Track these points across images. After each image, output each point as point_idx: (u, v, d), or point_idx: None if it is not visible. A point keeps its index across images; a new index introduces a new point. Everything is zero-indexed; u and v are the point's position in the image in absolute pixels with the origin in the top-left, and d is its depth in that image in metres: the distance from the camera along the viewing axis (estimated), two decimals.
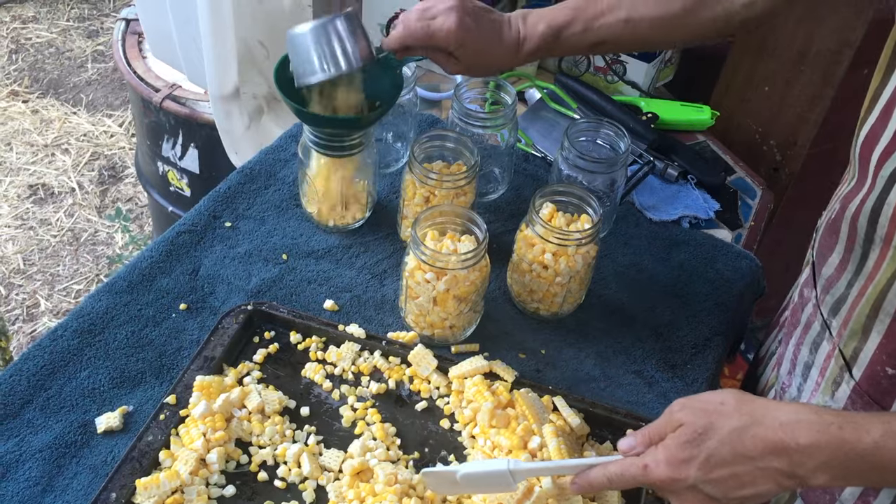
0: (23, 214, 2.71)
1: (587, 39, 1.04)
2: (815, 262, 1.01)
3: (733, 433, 0.73)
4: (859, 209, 0.86)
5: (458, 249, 1.03)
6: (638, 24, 1.02)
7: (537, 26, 1.03)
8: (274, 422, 0.96)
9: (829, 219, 0.96)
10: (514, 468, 0.83)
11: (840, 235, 0.91)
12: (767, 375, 1.14)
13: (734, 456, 0.73)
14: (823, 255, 0.96)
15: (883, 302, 0.84)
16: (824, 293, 0.95)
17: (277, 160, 1.31)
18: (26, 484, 0.88)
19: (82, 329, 1.04)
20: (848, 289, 0.90)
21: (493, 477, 0.85)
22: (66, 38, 3.44)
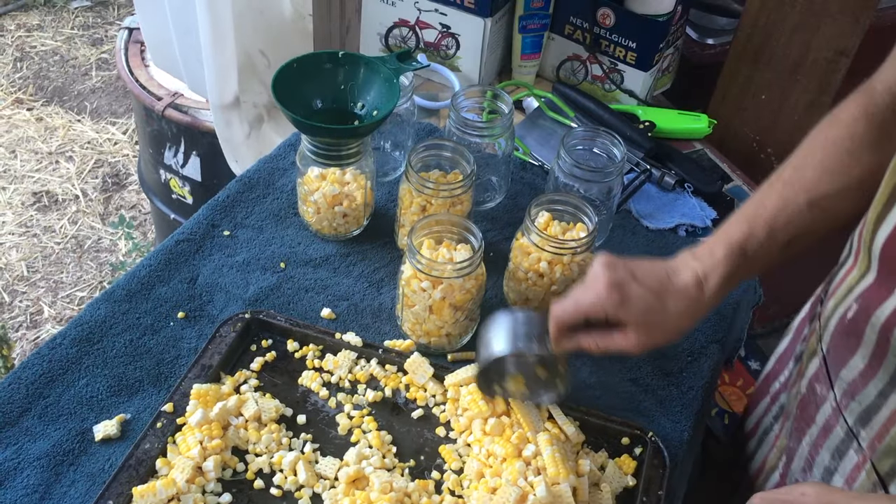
0: (27, 222, 2.72)
1: (776, 244, 0.88)
2: (825, 356, 0.92)
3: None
4: (892, 320, 0.79)
5: (453, 258, 1.03)
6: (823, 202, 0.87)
7: (715, 254, 0.88)
8: (270, 430, 0.96)
9: (845, 317, 0.87)
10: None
11: (864, 340, 0.84)
12: (765, 453, 1.08)
13: None
14: (840, 356, 0.88)
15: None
16: (847, 398, 0.88)
17: (276, 169, 1.32)
18: (24, 492, 0.89)
19: (81, 338, 1.04)
20: (881, 399, 0.83)
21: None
22: (71, 46, 3.46)
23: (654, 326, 0.88)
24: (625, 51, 1.53)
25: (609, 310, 0.88)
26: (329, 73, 1.16)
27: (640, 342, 0.88)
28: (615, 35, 1.53)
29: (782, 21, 1.44)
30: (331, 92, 1.17)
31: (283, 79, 1.12)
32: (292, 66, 1.14)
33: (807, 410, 0.96)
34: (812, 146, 0.91)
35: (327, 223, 1.20)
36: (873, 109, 0.87)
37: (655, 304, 0.87)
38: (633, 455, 0.99)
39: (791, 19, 1.43)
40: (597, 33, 1.54)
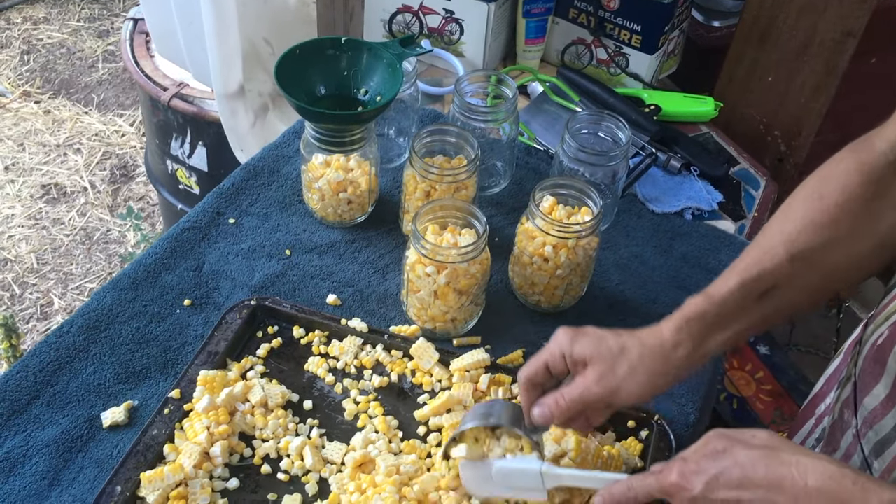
0: (36, 214, 2.73)
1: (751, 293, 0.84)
2: (857, 382, 0.91)
3: (749, 459, 0.72)
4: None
5: (458, 243, 1.03)
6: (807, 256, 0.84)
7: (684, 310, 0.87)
8: (277, 415, 0.97)
9: (876, 342, 0.86)
10: (546, 470, 0.83)
11: (887, 368, 0.83)
12: None
13: (742, 480, 0.72)
14: (867, 383, 0.87)
15: None
16: (866, 427, 0.87)
17: (280, 157, 1.32)
18: (33, 478, 0.90)
19: (88, 325, 1.05)
20: (895, 432, 0.83)
21: (526, 477, 0.84)
22: (77, 38, 3.47)
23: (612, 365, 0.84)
24: (630, 34, 1.53)
25: (565, 347, 0.86)
26: (332, 59, 1.16)
27: (598, 378, 0.84)
28: (620, 18, 1.52)
29: (788, 2, 1.43)
30: (334, 78, 1.17)
31: (287, 66, 1.12)
32: (295, 52, 1.13)
33: (834, 435, 0.95)
34: (796, 199, 0.87)
35: (332, 210, 1.20)
36: (870, 166, 0.83)
37: (613, 341, 0.85)
38: (638, 438, 0.99)
39: (797, 1, 1.42)
40: (601, 16, 1.54)
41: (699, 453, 0.75)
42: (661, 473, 0.76)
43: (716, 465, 0.73)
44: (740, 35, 1.53)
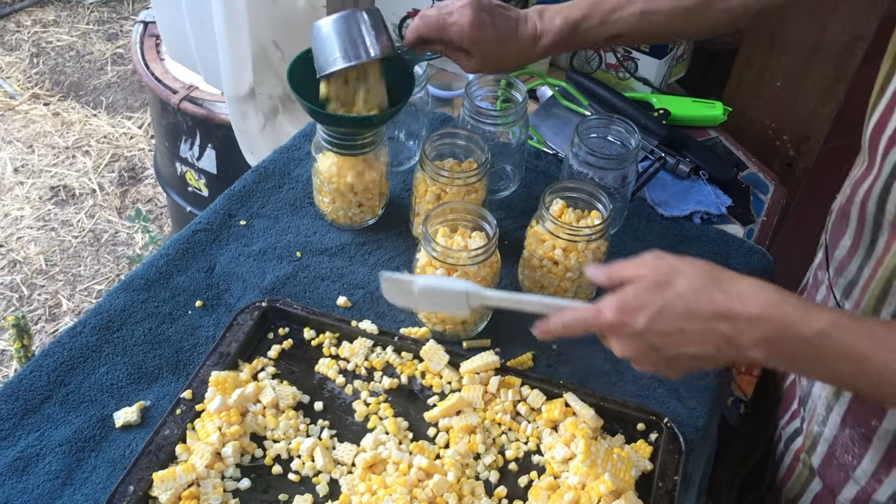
0: (45, 216, 2.75)
1: (604, 32, 1.05)
2: (828, 244, 1.02)
3: (691, 291, 0.74)
4: (868, 194, 0.87)
5: (468, 246, 1.04)
6: (654, 16, 1.03)
7: (554, 21, 1.05)
8: (288, 416, 0.97)
9: (841, 203, 0.97)
10: (472, 291, 0.87)
11: (850, 219, 0.92)
12: None
13: (685, 312, 0.74)
14: (836, 238, 0.97)
15: (892, 285, 0.85)
16: (837, 275, 0.97)
17: (291, 159, 1.33)
18: (47, 477, 0.91)
19: (101, 326, 1.06)
20: (859, 272, 0.91)
21: (449, 296, 0.89)
22: (86, 41, 3.48)
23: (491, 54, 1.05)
24: None
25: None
26: None
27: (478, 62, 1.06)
28: None
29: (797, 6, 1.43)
30: None
31: (298, 68, 1.12)
32: (307, 55, 1.14)
33: (809, 297, 1.05)
34: None
35: (343, 212, 1.21)
36: None
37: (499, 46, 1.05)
38: (648, 441, 0.99)
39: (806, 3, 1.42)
40: None
41: (638, 287, 0.77)
42: (600, 313, 0.78)
43: (658, 298, 0.75)
44: (749, 40, 1.53)
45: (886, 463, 0.92)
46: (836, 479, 0.99)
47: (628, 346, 0.78)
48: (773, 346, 0.73)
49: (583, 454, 0.91)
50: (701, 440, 1.02)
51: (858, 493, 0.96)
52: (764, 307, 0.72)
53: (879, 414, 0.90)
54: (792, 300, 0.73)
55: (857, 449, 0.95)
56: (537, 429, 0.99)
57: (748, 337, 0.73)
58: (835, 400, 0.97)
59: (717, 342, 0.74)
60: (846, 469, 0.97)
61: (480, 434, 0.97)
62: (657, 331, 0.75)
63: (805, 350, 0.72)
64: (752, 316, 0.72)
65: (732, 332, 0.73)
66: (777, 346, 0.73)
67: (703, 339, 0.74)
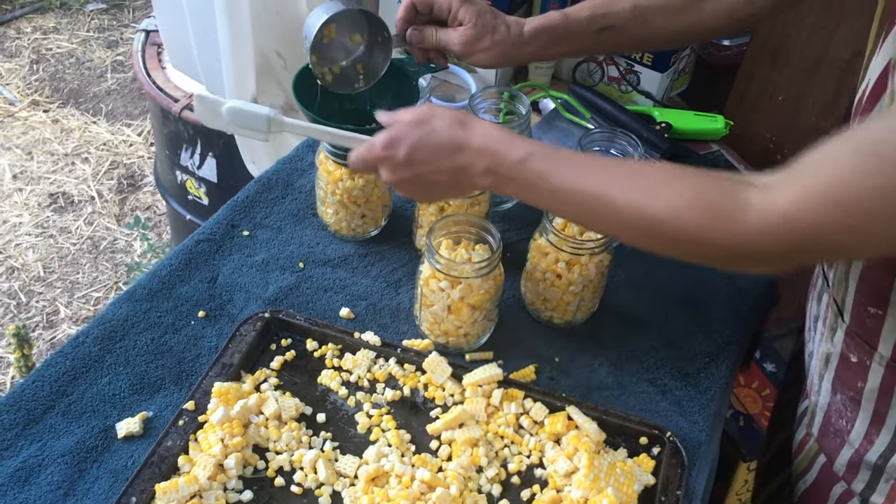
0: (43, 223, 2.74)
1: (595, 23, 1.06)
2: None
3: (442, 128, 0.89)
4: None
5: (472, 258, 1.04)
6: (646, 11, 1.05)
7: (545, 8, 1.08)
8: (290, 428, 0.97)
9: None
10: (273, 116, 0.97)
11: None
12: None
13: (435, 145, 0.89)
14: None
15: None
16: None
17: (294, 170, 1.33)
18: (48, 488, 0.90)
19: (103, 336, 1.05)
20: None
21: (253, 118, 0.97)
22: (87, 48, 3.49)
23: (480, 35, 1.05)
24: (641, 52, 1.53)
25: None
26: None
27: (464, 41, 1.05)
28: None
29: (800, 21, 1.44)
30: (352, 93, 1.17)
31: (304, 79, 1.12)
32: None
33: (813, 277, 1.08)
34: None
35: (346, 223, 1.21)
36: None
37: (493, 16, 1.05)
38: (651, 455, 0.99)
39: (808, 19, 1.43)
40: None
41: (402, 124, 0.91)
42: (372, 147, 0.92)
43: (416, 133, 0.90)
44: (751, 54, 1.54)
45: (876, 422, 0.94)
46: (833, 446, 1.00)
47: (393, 174, 0.92)
48: (494, 174, 0.87)
49: (586, 468, 0.91)
50: (703, 454, 1.02)
51: (852, 455, 0.98)
52: (485, 140, 0.87)
53: (863, 375, 0.92)
54: (505, 135, 0.88)
55: (849, 413, 0.97)
56: (540, 442, 0.99)
57: (477, 167, 0.88)
58: (824, 367, 1.00)
59: (457, 171, 0.89)
60: (841, 434, 0.99)
61: (483, 447, 0.97)
62: (415, 160, 0.90)
63: (514, 175, 0.86)
64: (478, 148, 0.87)
65: (466, 162, 0.88)
66: (496, 174, 0.87)
67: (447, 169, 0.89)
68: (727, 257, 0.79)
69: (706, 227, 0.77)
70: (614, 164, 0.88)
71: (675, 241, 0.80)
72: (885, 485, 0.95)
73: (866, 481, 0.97)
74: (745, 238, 0.75)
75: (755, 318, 1.23)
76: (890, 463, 0.94)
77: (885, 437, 0.93)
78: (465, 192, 0.96)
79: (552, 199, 0.86)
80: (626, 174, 0.83)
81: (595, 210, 0.84)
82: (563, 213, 0.90)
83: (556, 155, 0.86)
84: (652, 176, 0.82)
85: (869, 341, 0.91)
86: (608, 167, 0.86)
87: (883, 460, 0.94)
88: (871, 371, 0.91)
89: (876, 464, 0.95)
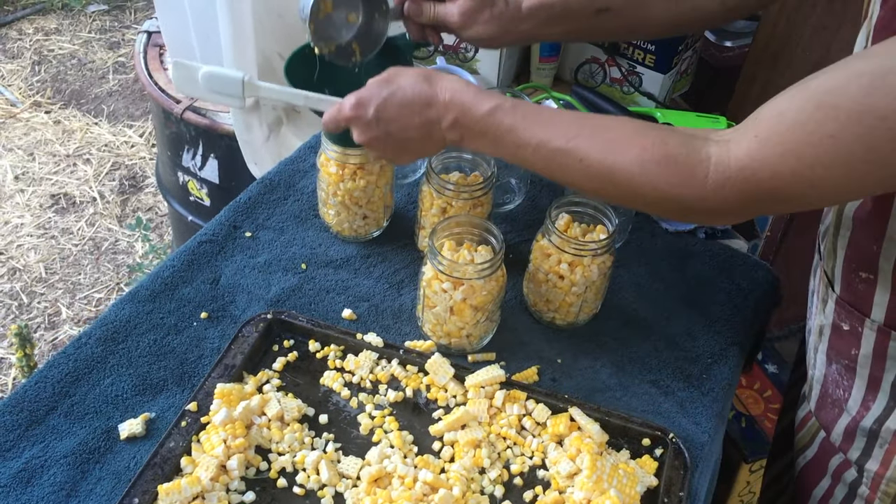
0: (45, 223, 2.74)
1: (592, 5, 1.06)
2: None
3: (408, 85, 0.92)
4: None
5: (474, 260, 1.04)
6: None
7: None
8: (293, 429, 0.97)
9: None
10: (247, 80, 1.00)
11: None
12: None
13: (403, 101, 0.91)
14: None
15: (842, 218, 0.92)
16: (821, 224, 1.03)
17: (296, 171, 1.33)
18: (51, 489, 0.90)
19: (106, 337, 1.05)
20: (827, 214, 0.98)
21: (228, 83, 1.00)
22: (88, 49, 3.49)
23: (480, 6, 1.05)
24: (643, 53, 1.54)
25: None
26: None
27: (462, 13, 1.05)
28: None
29: (802, 23, 1.44)
30: (345, 76, 1.15)
31: (296, 64, 1.11)
32: (304, 52, 1.13)
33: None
34: None
35: (348, 224, 1.21)
36: None
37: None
38: (654, 456, 0.99)
39: (811, 21, 1.43)
40: None
41: (370, 84, 0.94)
42: (342, 108, 0.95)
43: (384, 91, 0.92)
44: (753, 55, 1.54)
45: (872, 388, 0.95)
46: (830, 417, 1.01)
47: (364, 134, 0.95)
48: (462, 127, 0.90)
49: (589, 470, 0.91)
50: (706, 455, 1.02)
51: (849, 423, 0.99)
52: (451, 94, 0.90)
53: (856, 342, 0.93)
54: (472, 89, 0.90)
55: (845, 382, 0.98)
56: (542, 443, 0.99)
57: (445, 120, 0.91)
58: (818, 339, 1.01)
59: (426, 126, 0.92)
60: (839, 404, 0.99)
61: (486, 448, 0.97)
62: (384, 118, 0.93)
63: (481, 128, 0.89)
64: (445, 102, 0.90)
65: (435, 116, 0.91)
66: (464, 127, 0.90)
67: (416, 125, 0.92)
68: (688, 210, 0.83)
69: (671, 181, 0.81)
70: (582, 118, 0.89)
71: (640, 194, 0.83)
72: (879, 450, 0.96)
73: (862, 448, 0.98)
74: (704, 192, 0.79)
75: (758, 320, 1.23)
76: (884, 427, 0.94)
77: (881, 402, 0.94)
78: (436, 148, 0.96)
79: (519, 152, 0.89)
80: (593, 129, 0.86)
81: (563, 164, 0.86)
82: (530, 165, 0.91)
83: (523, 108, 0.89)
84: (618, 130, 0.84)
85: (860, 308, 0.92)
86: (576, 121, 0.87)
87: (878, 425, 0.95)
88: (863, 337, 0.92)
89: (871, 429, 0.96)
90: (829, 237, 0.96)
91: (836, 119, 0.70)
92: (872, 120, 0.69)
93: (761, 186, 0.76)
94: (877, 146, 0.69)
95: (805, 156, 0.73)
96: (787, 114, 0.74)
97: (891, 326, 0.89)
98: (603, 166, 0.84)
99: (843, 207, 0.92)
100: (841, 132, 0.70)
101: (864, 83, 0.69)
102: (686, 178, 0.79)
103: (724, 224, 1.27)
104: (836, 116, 0.70)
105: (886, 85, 0.68)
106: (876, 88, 0.69)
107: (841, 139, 0.70)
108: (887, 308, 0.89)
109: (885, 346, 0.91)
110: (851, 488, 1.01)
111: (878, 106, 0.68)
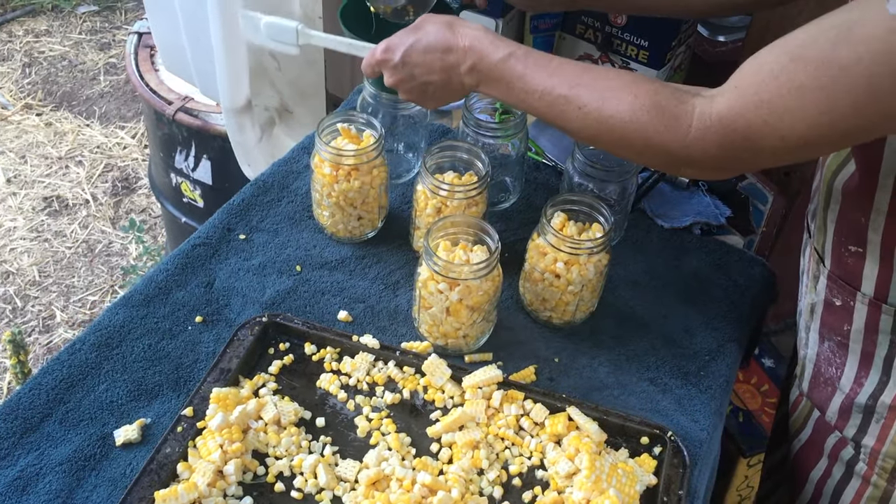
0: (38, 226, 2.73)
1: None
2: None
3: (433, 32, 0.98)
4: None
5: (470, 260, 1.03)
6: None
7: None
8: (290, 433, 0.96)
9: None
10: (301, 28, 1.19)
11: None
12: None
13: (426, 47, 0.98)
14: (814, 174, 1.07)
15: (831, 191, 0.94)
16: (811, 203, 1.05)
17: (290, 172, 1.32)
18: (47, 497, 0.90)
19: (100, 343, 1.05)
20: (816, 192, 1.01)
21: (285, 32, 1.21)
22: (79, 51, 3.47)
23: None
24: (637, 49, 1.53)
25: None
26: None
27: None
28: (627, 34, 1.53)
29: (795, 17, 1.44)
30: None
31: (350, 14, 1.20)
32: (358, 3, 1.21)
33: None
34: None
35: (342, 226, 1.20)
36: None
37: None
38: (652, 454, 0.99)
39: (804, 15, 1.42)
40: (609, 32, 1.54)
41: (400, 32, 1.01)
42: (374, 52, 1.03)
43: (410, 38, 0.99)
44: (747, 50, 1.53)
45: (865, 363, 0.96)
46: (824, 396, 1.02)
47: (392, 76, 1.02)
48: (479, 72, 0.96)
49: (587, 469, 0.91)
50: (705, 453, 1.02)
51: (843, 400, 0.99)
52: (471, 40, 0.96)
53: (848, 317, 0.95)
54: (490, 36, 0.96)
55: (838, 359, 0.99)
56: (541, 443, 0.98)
57: (464, 65, 0.96)
58: (810, 318, 1.02)
59: (447, 70, 0.98)
60: (832, 382, 1.00)
61: (484, 449, 0.97)
62: (410, 62, 0.99)
63: (496, 75, 0.95)
64: (464, 48, 0.96)
65: (454, 61, 0.97)
66: (481, 72, 0.96)
67: (438, 68, 0.98)
68: (673, 159, 0.86)
69: (658, 129, 0.84)
70: (586, 68, 0.93)
71: (630, 141, 0.88)
72: (875, 425, 0.97)
73: (858, 425, 0.98)
74: (687, 140, 0.82)
75: (755, 315, 1.22)
76: (880, 401, 0.95)
77: (874, 377, 0.95)
78: (456, 94, 1.02)
79: (527, 98, 0.94)
80: (594, 78, 0.91)
81: (564, 111, 0.91)
82: (535, 112, 0.95)
83: (535, 57, 0.94)
84: (616, 80, 0.89)
85: (851, 282, 0.93)
86: (580, 71, 0.92)
87: (873, 400, 0.95)
88: (855, 312, 0.93)
89: (866, 405, 0.96)
90: (819, 213, 0.98)
91: (804, 71, 0.73)
92: (835, 70, 0.71)
93: (737, 136, 0.79)
94: (838, 97, 0.72)
95: (776, 106, 0.75)
96: (764, 66, 0.77)
97: (881, 299, 0.91)
98: (599, 113, 0.88)
99: (833, 181, 0.93)
100: (808, 83, 0.73)
101: (831, 36, 0.72)
102: (671, 126, 0.83)
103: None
104: (805, 68, 0.73)
105: (851, 37, 0.70)
106: (841, 41, 0.71)
107: (808, 90, 0.73)
108: (877, 281, 0.91)
109: (877, 320, 0.92)
110: (849, 466, 1.02)
111: (841, 56, 0.70)
